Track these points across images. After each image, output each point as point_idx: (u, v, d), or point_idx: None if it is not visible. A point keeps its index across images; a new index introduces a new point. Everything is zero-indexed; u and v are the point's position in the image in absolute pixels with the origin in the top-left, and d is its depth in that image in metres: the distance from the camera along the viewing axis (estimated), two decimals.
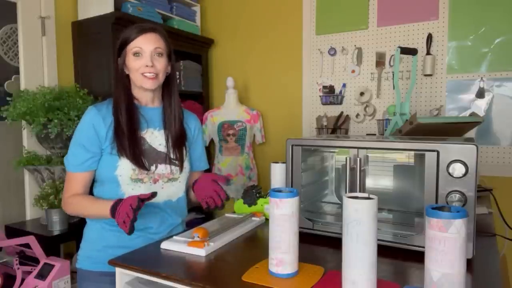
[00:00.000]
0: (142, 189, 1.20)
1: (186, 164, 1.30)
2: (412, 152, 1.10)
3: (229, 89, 2.67)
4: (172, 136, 1.27)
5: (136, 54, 1.19)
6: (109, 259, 0.94)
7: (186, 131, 1.33)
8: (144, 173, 1.20)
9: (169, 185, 1.26)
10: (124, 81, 1.23)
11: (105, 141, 1.19)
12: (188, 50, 2.72)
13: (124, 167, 1.18)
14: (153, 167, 1.22)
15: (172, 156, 1.26)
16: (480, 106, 2.18)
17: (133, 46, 1.19)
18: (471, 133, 2.11)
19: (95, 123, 1.18)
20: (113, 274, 0.94)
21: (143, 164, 1.20)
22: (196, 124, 1.40)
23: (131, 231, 1.03)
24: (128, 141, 1.18)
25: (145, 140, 1.23)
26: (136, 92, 1.26)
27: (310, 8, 2.62)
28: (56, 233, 1.81)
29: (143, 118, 1.24)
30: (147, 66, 1.18)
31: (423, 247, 0.68)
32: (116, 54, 1.24)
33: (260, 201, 1.34)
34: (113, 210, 1.08)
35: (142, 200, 1.05)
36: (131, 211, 1.02)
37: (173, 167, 1.26)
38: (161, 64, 1.21)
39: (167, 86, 1.29)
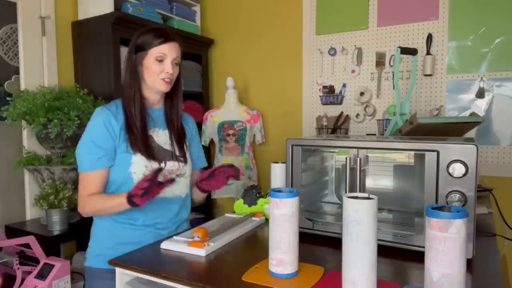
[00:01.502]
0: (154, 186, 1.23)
1: (189, 160, 1.36)
2: (412, 152, 1.10)
3: (229, 89, 2.67)
4: (174, 134, 1.34)
5: (159, 59, 1.24)
6: (109, 259, 0.94)
7: (185, 130, 1.40)
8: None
9: (178, 181, 1.30)
10: (138, 79, 1.28)
11: (119, 139, 1.22)
12: (188, 50, 2.71)
13: (138, 163, 1.22)
14: (162, 164, 1.26)
15: (177, 153, 1.32)
16: (480, 106, 2.18)
17: (158, 51, 1.24)
18: (471, 133, 2.11)
19: (107, 122, 1.22)
20: None
21: (157, 158, 1.25)
22: (193, 124, 1.48)
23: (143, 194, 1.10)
24: (140, 137, 1.23)
25: (152, 139, 1.28)
26: (146, 92, 1.30)
27: (310, 8, 2.62)
28: (56, 233, 1.80)
29: (150, 117, 1.30)
30: (167, 72, 1.25)
31: (423, 247, 0.68)
32: (133, 52, 1.27)
33: (260, 201, 1.34)
34: (130, 197, 1.13)
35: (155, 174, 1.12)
36: (145, 182, 1.10)
37: (179, 163, 1.32)
38: (176, 72, 1.30)
39: (171, 88, 1.34)
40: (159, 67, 1.24)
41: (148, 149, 1.23)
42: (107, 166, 1.22)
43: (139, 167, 1.22)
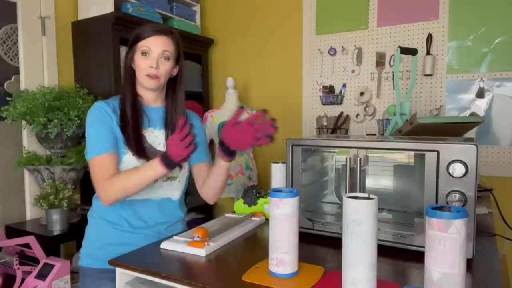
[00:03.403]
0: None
1: (185, 165, 1.31)
2: (412, 152, 1.10)
3: (229, 89, 2.67)
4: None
5: (144, 53, 1.21)
6: (109, 259, 0.94)
7: None
8: None
9: (168, 184, 1.28)
10: (131, 75, 1.26)
11: (116, 130, 1.21)
12: (188, 50, 2.72)
13: (128, 163, 1.20)
14: None
15: None
16: (480, 106, 2.18)
17: (143, 45, 1.20)
18: (471, 133, 2.11)
19: (105, 112, 1.20)
20: (113, 271, 0.95)
21: (147, 158, 1.20)
22: (196, 122, 1.40)
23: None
24: (132, 136, 1.20)
25: (145, 139, 1.25)
26: (139, 90, 1.28)
27: (310, 8, 2.62)
28: (56, 233, 1.81)
29: (145, 117, 1.27)
30: (151, 67, 1.20)
31: (423, 247, 0.68)
32: (128, 48, 1.26)
33: (260, 201, 1.34)
34: (165, 158, 1.08)
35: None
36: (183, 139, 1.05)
37: None
38: (165, 67, 1.23)
39: (172, 87, 1.31)
40: (144, 61, 1.20)
41: (139, 149, 1.20)
42: (115, 148, 1.18)
43: (128, 166, 1.19)
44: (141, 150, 1.21)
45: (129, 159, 1.20)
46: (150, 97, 1.29)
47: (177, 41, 1.27)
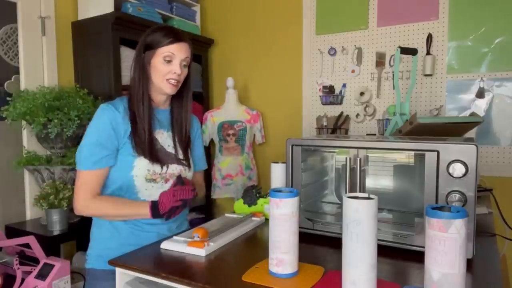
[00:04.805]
0: (154, 189, 1.23)
1: (192, 165, 1.35)
2: (412, 152, 1.10)
3: (229, 89, 2.67)
4: (179, 137, 1.31)
5: (167, 59, 1.21)
6: (108, 259, 0.94)
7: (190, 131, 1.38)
8: (157, 173, 1.23)
9: None
10: (146, 79, 1.24)
11: (123, 140, 1.20)
12: None
13: (140, 167, 1.20)
14: (165, 167, 1.24)
15: (180, 156, 1.30)
16: (480, 106, 2.18)
17: (166, 50, 1.21)
18: (471, 133, 2.11)
19: (114, 121, 1.18)
20: None
21: (160, 161, 1.22)
22: (197, 125, 1.45)
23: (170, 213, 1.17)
24: (145, 139, 1.21)
25: (157, 141, 1.26)
26: (153, 93, 1.28)
27: (310, 8, 2.62)
28: (56, 233, 1.80)
29: (156, 119, 1.28)
30: (175, 73, 1.22)
31: (423, 247, 0.68)
32: (142, 50, 1.24)
33: (260, 201, 1.34)
34: (155, 208, 1.16)
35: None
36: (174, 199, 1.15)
37: (182, 166, 1.30)
38: (184, 73, 1.27)
39: (179, 89, 1.31)
40: (166, 67, 1.21)
41: (152, 152, 1.21)
42: (108, 166, 1.19)
43: (141, 170, 1.20)
44: (155, 153, 1.22)
45: (141, 163, 1.20)
46: (162, 100, 1.30)
47: (191, 47, 1.29)
